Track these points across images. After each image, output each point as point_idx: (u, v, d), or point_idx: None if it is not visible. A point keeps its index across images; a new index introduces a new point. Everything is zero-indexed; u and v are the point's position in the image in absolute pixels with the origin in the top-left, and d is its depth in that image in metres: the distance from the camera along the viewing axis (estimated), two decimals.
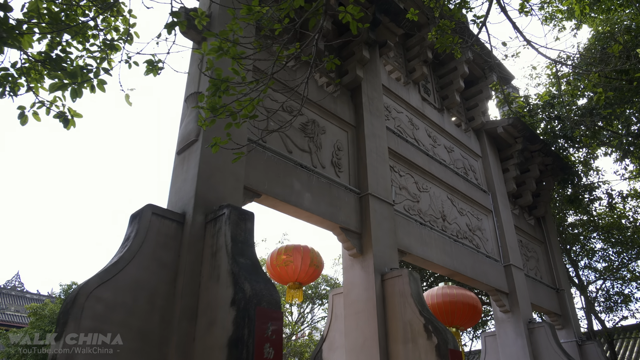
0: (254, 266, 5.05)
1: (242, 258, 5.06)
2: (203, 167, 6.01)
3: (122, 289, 4.90)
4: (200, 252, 5.51)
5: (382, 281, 7.75)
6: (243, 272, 4.83)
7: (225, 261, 5.08)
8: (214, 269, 5.24)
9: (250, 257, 5.16)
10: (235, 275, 4.86)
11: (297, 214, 7.43)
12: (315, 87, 8.75)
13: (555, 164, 14.46)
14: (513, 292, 11.39)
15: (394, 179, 9.67)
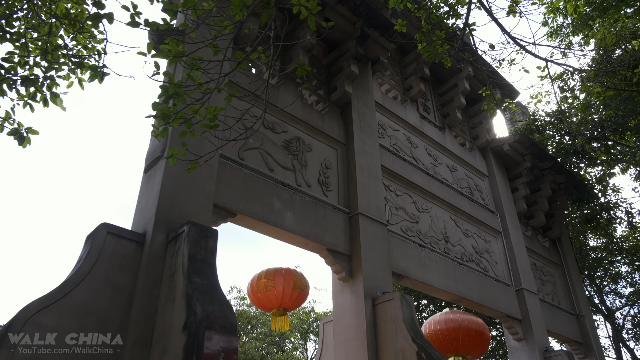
0: (210, 287, 4.59)
1: (199, 278, 4.62)
2: (167, 184, 5.65)
3: (66, 315, 4.48)
4: (159, 274, 5.09)
5: (373, 306, 7.17)
6: (197, 293, 4.38)
7: (181, 282, 4.64)
8: (170, 291, 4.80)
9: (208, 277, 4.71)
10: (188, 297, 4.41)
11: (278, 234, 6.98)
12: (300, 104, 8.42)
13: (568, 182, 13.74)
14: (526, 318, 10.57)
15: (389, 198, 9.17)
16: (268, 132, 7.66)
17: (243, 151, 7.07)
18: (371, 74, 10.19)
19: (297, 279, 6.84)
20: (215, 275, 4.83)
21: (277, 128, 7.83)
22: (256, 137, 7.38)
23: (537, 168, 13.28)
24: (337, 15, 9.08)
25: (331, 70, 9.56)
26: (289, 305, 6.89)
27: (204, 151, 6.18)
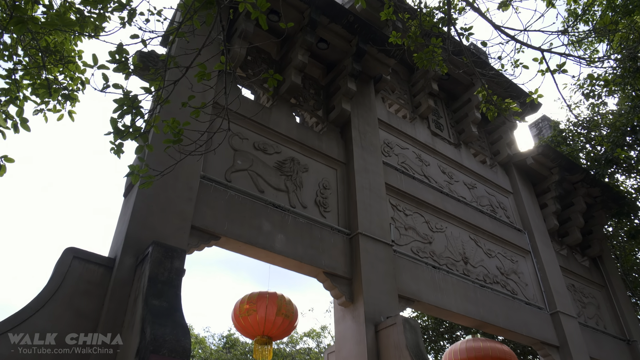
0: (168, 309, 4.27)
1: (158, 300, 4.31)
2: (140, 206, 5.46)
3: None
4: (125, 298, 4.82)
5: (376, 332, 6.60)
6: (149, 316, 4.07)
7: (140, 305, 4.34)
8: (132, 316, 4.51)
9: (169, 300, 4.40)
10: (143, 321, 4.10)
11: (268, 257, 6.62)
12: (295, 125, 8.20)
13: (605, 194, 12.74)
14: (564, 345, 9.56)
15: (397, 218, 8.66)
16: (259, 153, 7.44)
17: (230, 173, 6.85)
18: (373, 92, 9.90)
19: (281, 304, 6.39)
20: (178, 297, 4.51)
21: (269, 149, 7.60)
22: (245, 159, 7.17)
23: (568, 181, 12.40)
24: (331, 34, 8.94)
25: (330, 90, 9.35)
26: (274, 332, 6.42)
27: (183, 169, 6.01)
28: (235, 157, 7.07)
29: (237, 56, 7.78)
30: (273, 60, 8.97)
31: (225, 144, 7.10)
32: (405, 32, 10.33)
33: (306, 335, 27.54)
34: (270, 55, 8.99)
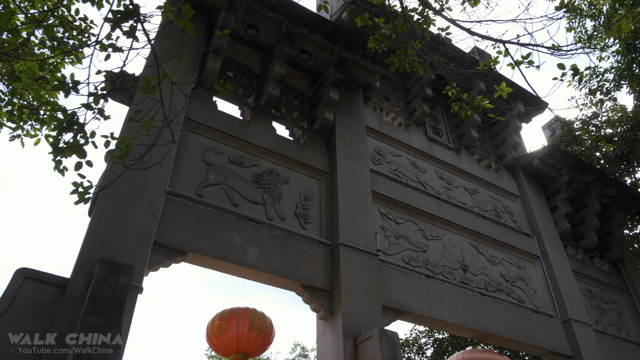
0: (105, 327, 4.17)
1: (95, 317, 4.22)
2: (97, 224, 5.43)
3: None
4: (75, 318, 4.75)
5: (355, 346, 6.32)
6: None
7: (78, 324, 4.26)
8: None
9: (108, 317, 4.30)
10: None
11: (240, 272, 6.46)
12: (275, 136, 8.09)
13: (622, 194, 12.06)
14: (577, 354, 8.95)
15: (387, 227, 8.38)
16: (235, 166, 7.35)
17: (202, 188, 6.78)
18: (362, 100, 9.73)
19: (254, 319, 6.21)
20: (119, 314, 4.40)
21: (246, 162, 7.51)
22: (219, 173, 7.09)
23: (579, 182, 11.80)
24: (312, 45, 8.86)
25: (314, 101, 9.24)
26: (249, 349, 6.22)
27: (147, 186, 5.98)
28: (209, 171, 7.01)
29: (210, 71, 7.77)
30: (255, 75, 8.94)
31: (198, 159, 7.06)
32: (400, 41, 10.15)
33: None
34: (252, 69, 8.96)
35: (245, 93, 8.54)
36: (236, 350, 6.17)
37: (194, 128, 7.30)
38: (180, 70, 7.45)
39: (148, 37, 4.37)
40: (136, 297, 5.21)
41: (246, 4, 8.07)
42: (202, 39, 8.24)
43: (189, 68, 7.61)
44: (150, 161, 5.91)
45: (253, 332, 6.12)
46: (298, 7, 8.31)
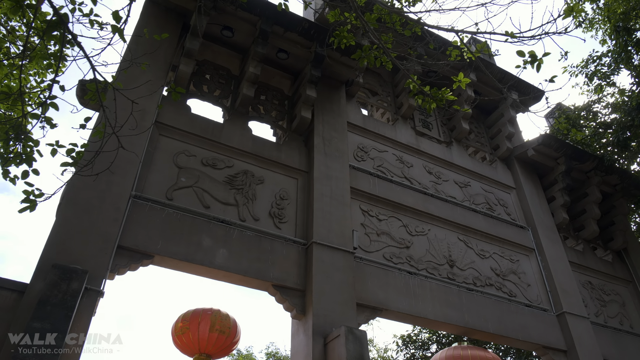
0: (49, 331, 4.23)
1: (40, 322, 4.30)
2: (58, 230, 5.53)
3: None
4: None
5: (325, 345, 6.29)
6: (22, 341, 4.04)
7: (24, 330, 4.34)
8: None
9: (54, 321, 4.38)
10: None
11: (209, 273, 6.50)
12: (250, 137, 8.10)
13: (624, 182, 11.67)
14: (572, 349, 8.71)
15: (368, 224, 8.30)
16: (207, 169, 7.39)
17: (172, 191, 6.83)
18: (344, 97, 9.65)
19: (216, 320, 6.22)
20: (67, 319, 4.48)
21: (220, 164, 7.54)
22: (190, 175, 7.14)
23: (578, 171, 11.47)
24: (289, 43, 8.83)
25: (294, 100, 9.21)
26: (212, 350, 6.23)
27: (111, 191, 6.06)
28: (180, 174, 7.06)
29: (182, 75, 7.82)
30: (233, 76, 8.97)
31: (169, 162, 7.12)
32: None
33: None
34: (230, 70, 8.99)
35: (222, 95, 8.57)
36: (199, 351, 6.21)
37: (166, 132, 7.37)
38: (152, 74, 7.53)
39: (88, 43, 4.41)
40: (96, 301, 5.28)
41: (219, 5, 8.10)
42: (176, 43, 8.29)
43: (161, 72, 7.67)
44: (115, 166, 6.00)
45: (214, 333, 6.14)
46: (271, 6, 8.29)
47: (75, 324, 5.03)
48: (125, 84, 6.92)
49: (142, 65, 6.16)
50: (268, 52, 8.89)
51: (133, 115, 5.25)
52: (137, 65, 6.97)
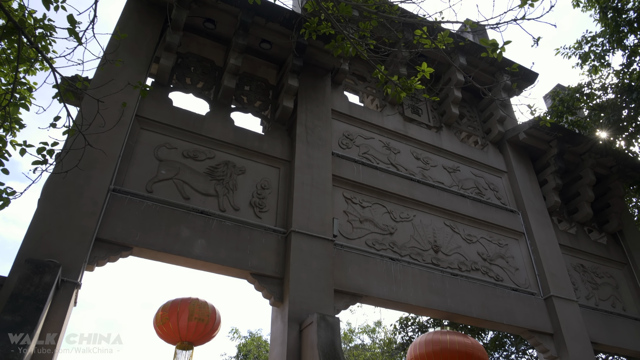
0: (19, 323, 4.46)
1: (11, 315, 4.52)
2: (36, 224, 5.74)
3: None
4: None
5: (300, 332, 6.46)
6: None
7: None
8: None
9: (25, 314, 4.60)
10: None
11: (187, 263, 6.68)
12: (232, 128, 8.21)
13: (620, 163, 11.54)
14: (558, 332, 8.77)
15: (350, 211, 8.40)
16: (188, 160, 7.54)
17: (152, 184, 7.01)
18: (329, 85, 9.67)
19: (194, 308, 6.43)
20: (38, 311, 4.69)
21: (201, 156, 7.68)
22: (171, 168, 7.30)
23: (572, 153, 11.37)
24: (272, 34, 8.87)
25: (278, 90, 9.28)
26: (192, 337, 6.46)
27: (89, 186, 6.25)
28: (160, 167, 7.23)
29: (163, 69, 7.94)
30: (216, 67, 9.06)
31: (149, 155, 7.29)
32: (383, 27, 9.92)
33: (361, 332, 27.42)
34: (214, 62, 9.08)
35: (206, 87, 8.68)
36: (180, 339, 6.45)
37: (147, 125, 7.53)
38: (133, 68, 7.69)
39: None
40: (72, 292, 5.51)
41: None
42: (158, 37, 8.39)
43: (142, 67, 7.80)
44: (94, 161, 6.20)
45: (193, 322, 6.36)
46: None
47: (52, 315, 5.28)
48: (106, 79, 7.11)
49: (116, 62, 6.29)
50: (252, 42, 8.96)
51: (100, 113, 5.40)
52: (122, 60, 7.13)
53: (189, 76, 8.63)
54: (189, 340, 6.54)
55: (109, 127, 6.30)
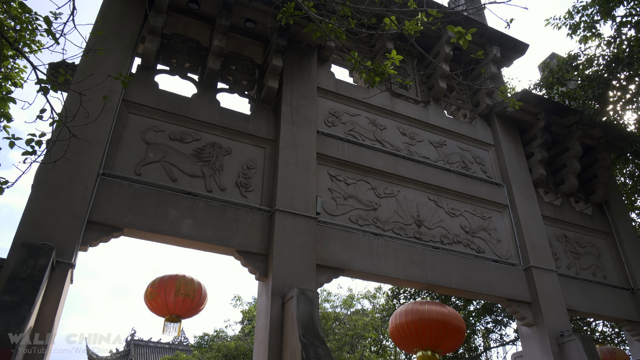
0: (18, 303, 4.90)
1: (10, 295, 4.96)
2: (31, 210, 6.13)
3: None
4: None
5: (282, 305, 6.91)
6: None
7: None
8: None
9: (22, 294, 5.03)
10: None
11: (175, 242, 7.09)
12: (218, 109, 8.46)
13: (608, 134, 11.68)
14: (536, 300, 9.19)
15: (335, 188, 8.72)
16: (175, 143, 7.84)
17: (141, 167, 7.34)
18: (315, 63, 9.81)
19: (180, 285, 6.88)
20: (34, 292, 5.12)
21: (187, 138, 7.97)
22: (158, 151, 7.61)
23: (561, 125, 11.51)
24: (256, 13, 8.96)
25: (264, 69, 9.44)
26: (180, 311, 6.95)
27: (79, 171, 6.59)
28: (148, 150, 7.54)
29: (148, 52, 8.14)
30: (202, 47, 9.22)
31: (137, 139, 7.59)
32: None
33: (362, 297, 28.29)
34: (199, 42, 9.23)
35: (191, 68, 8.87)
36: (168, 313, 6.93)
37: (134, 109, 7.80)
38: (118, 53, 7.90)
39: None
40: (67, 272, 5.94)
41: None
42: (142, 18, 8.52)
43: (127, 51, 8.00)
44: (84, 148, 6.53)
45: (180, 297, 6.82)
46: None
47: (49, 293, 5.73)
48: (92, 65, 7.35)
49: (99, 51, 6.51)
50: (237, 21, 9.08)
51: (83, 106, 5.66)
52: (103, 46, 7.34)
53: (175, 58, 8.81)
54: (177, 314, 7.03)
55: (96, 114, 6.58)
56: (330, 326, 22.50)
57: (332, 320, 22.91)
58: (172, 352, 41.23)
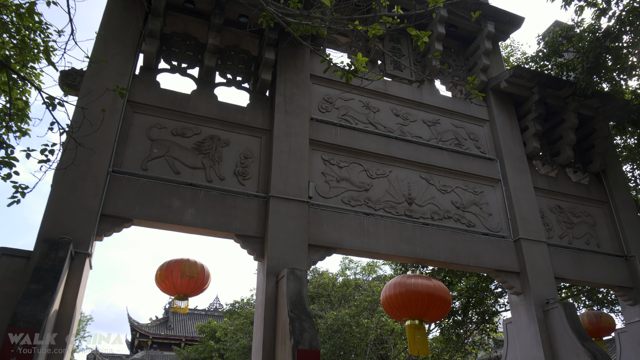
0: (42, 290, 5.83)
1: (35, 284, 5.89)
2: (52, 207, 7.02)
3: None
4: None
5: (276, 283, 7.71)
6: (22, 297, 5.66)
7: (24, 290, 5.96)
8: None
9: (46, 283, 5.96)
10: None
11: (180, 229, 7.92)
12: (216, 104, 9.11)
13: (606, 104, 11.81)
14: (524, 270, 9.73)
15: (328, 172, 9.35)
16: (177, 138, 8.58)
17: (146, 162, 8.13)
18: (308, 52, 10.27)
19: (185, 268, 7.74)
20: (56, 280, 6.04)
21: (188, 132, 8.69)
22: (162, 146, 8.37)
23: (557, 97, 11.70)
24: (247, 8, 9.38)
25: (259, 61, 9.99)
26: (186, 291, 7.84)
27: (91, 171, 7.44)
28: (152, 146, 8.31)
29: (148, 55, 8.81)
30: (200, 44, 9.82)
31: (142, 137, 8.36)
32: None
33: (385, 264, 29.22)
34: (197, 39, 9.82)
35: (190, 65, 9.51)
36: (176, 292, 7.84)
37: (139, 109, 8.55)
38: (121, 57, 8.60)
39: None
40: (84, 261, 6.86)
41: None
42: (143, 20, 9.14)
43: (129, 54, 8.69)
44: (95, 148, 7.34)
45: (185, 279, 7.70)
46: None
47: (70, 279, 6.66)
48: (96, 73, 8.10)
49: (100, 61, 7.23)
50: (231, 16, 9.62)
51: (87, 118, 6.42)
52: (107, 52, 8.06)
53: (175, 56, 9.45)
54: (184, 293, 7.94)
55: (101, 120, 7.35)
56: (351, 292, 23.48)
57: (352, 287, 23.90)
58: (207, 319, 43.54)
